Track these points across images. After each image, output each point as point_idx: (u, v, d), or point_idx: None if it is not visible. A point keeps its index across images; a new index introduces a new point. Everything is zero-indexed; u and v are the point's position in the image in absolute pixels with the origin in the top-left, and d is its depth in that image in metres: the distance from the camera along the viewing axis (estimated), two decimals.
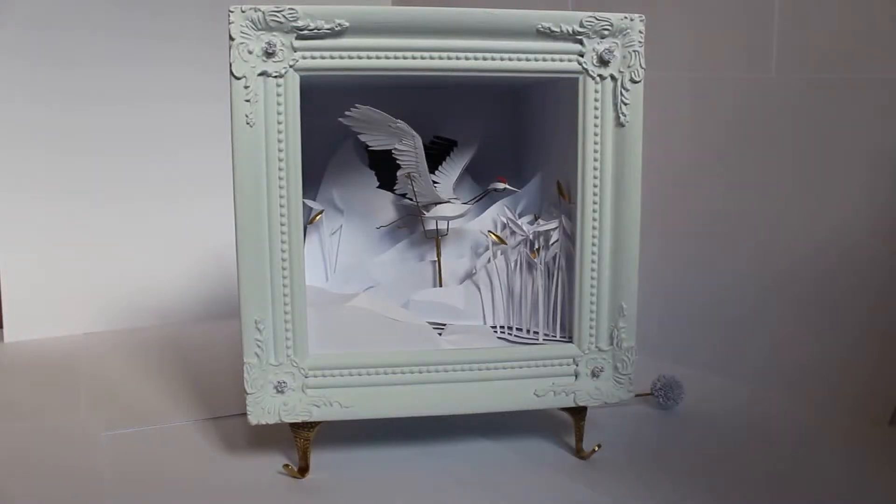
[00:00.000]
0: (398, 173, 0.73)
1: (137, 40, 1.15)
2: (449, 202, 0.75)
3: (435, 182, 0.75)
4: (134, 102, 1.16)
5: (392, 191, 0.77)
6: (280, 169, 0.63)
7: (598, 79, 0.66)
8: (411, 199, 0.75)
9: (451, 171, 0.78)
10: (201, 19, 1.17)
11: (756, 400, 0.85)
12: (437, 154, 0.79)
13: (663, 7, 1.02)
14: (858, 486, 0.66)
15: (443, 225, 0.78)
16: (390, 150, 0.72)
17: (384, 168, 0.77)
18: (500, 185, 0.75)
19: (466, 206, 0.76)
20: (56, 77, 1.11)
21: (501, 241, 0.75)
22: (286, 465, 0.68)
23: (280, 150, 0.63)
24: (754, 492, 0.65)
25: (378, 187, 0.80)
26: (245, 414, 0.66)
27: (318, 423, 0.67)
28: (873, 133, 0.91)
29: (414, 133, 0.69)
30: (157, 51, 1.17)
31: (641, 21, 0.65)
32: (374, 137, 0.71)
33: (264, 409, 0.66)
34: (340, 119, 0.68)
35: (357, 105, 0.67)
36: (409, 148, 0.70)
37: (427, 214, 0.76)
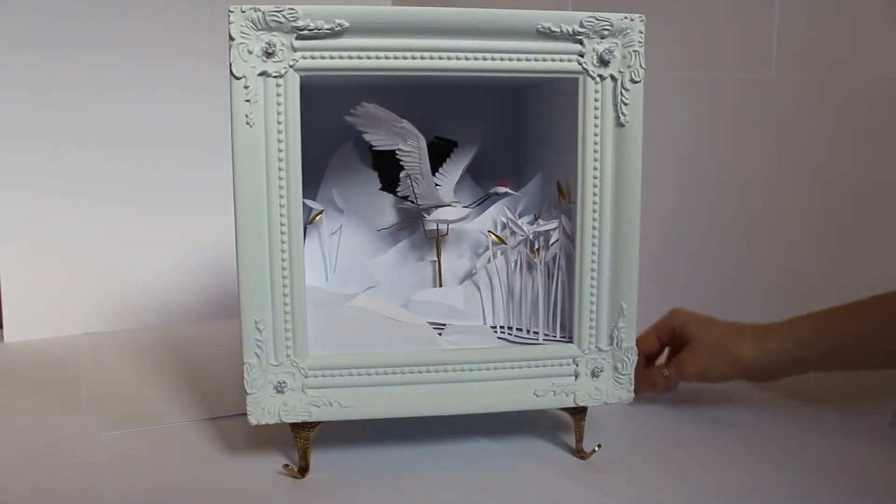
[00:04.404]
0: (401, 175, 0.73)
1: (137, 34, 1.15)
2: (450, 205, 0.75)
3: (436, 184, 0.75)
4: (134, 101, 1.16)
5: (394, 193, 0.77)
6: (280, 169, 0.63)
7: (598, 79, 0.66)
8: (413, 202, 0.75)
9: (452, 173, 0.78)
10: (205, 11, 1.16)
11: (756, 400, 0.84)
12: (437, 155, 0.79)
13: (663, 7, 1.02)
14: (858, 486, 0.66)
15: (443, 225, 0.78)
16: (394, 152, 0.72)
17: (387, 169, 0.77)
18: (502, 189, 0.75)
19: (467, 210, 0.76)
20: (56, 74, 1.11)
21: (501, 241, 0.75)
22: (286, 465, 0.68)
23: (280, 150, 0.63)
24: (754, 492, 0.65)
25: (380, 189, 0.80)
26: (245, 414, 0.66)
27: (318, 423, 0.67)
28: (873, 133, 0.91)
29: (418, 133, 0.69)
30: (158, 46, 1.16)
31: (641, 21, 0.65)
32: (378, 137, 0.71)
33: (264, 409, 0.66)
34: (346, 117, 0.68)
35: (363, 103, 0.67)
36: (412, 149, 0.70)
37: (428, 217, 0.76)
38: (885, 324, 0.72)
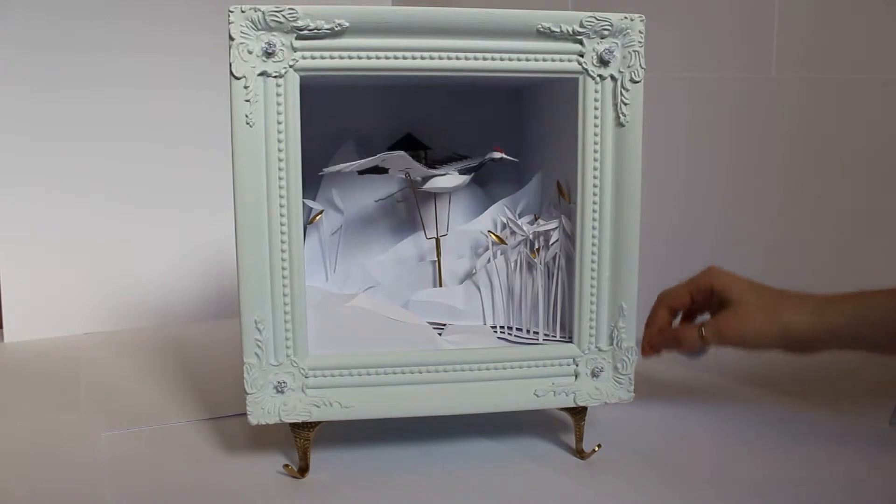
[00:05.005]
0: (390, 172, 0.73)
1: (137, 33, 1.15)
2: (446, 174, 0.74)
3: (435, 164, 0.74)
4: (134, 101, 1.16)
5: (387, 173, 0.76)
6: (280, 169, 0.63)
7: (598, 79, 0.66)
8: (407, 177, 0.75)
9: (454, 165, 0.78)
10: (205, 10, 1.16)
11: (756, 400, 0.85)
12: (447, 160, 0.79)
13: (663, 7, 1.02)
14: (858, 486, 0.66)
15: (442, 225, 0.78)
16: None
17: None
18: (497, 155, 0.74)
19: (464, 177, 0.75)
20: (56, 73, 1.11)
21: (501, 241, 0.75)
22: (286, 465, 0.68)
23: (280, 150, 0.63)
24: (754, 491, 0.65)
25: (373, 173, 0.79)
26: (245, 414, 0.66)
27: (318, 423, 0.67)
28: (873, 134, 0.92)
29: (399, 153, 0.69)
30: (158, 45, 1.16)
31: (641, 21, 0.65)
32: (360, 166, 0.71)
33: (264, 409, 0.66)
34: (321, 173, 0.68)
35: (340, 170, 0.68)
36: (396, 162, 0.70)
37: (424, 186, 0.75)
38: None
